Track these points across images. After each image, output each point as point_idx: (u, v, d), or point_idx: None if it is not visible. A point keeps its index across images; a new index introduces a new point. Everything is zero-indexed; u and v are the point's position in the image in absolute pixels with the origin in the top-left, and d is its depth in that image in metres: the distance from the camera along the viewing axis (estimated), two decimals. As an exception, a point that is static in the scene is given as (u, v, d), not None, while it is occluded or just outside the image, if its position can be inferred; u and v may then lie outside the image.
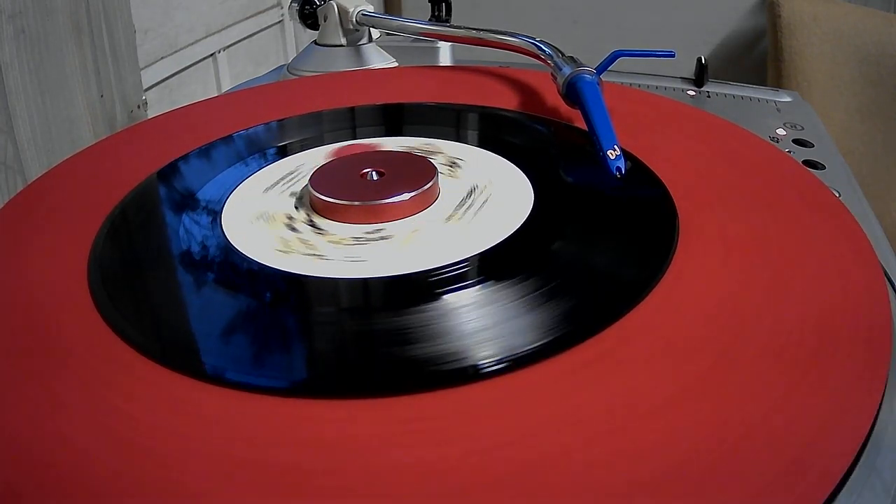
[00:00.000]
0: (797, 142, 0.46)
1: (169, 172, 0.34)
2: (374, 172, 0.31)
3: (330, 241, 0.28)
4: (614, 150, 0.30)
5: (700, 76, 0.57)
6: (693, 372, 0.21)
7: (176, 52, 0.82)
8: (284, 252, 0.27)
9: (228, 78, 0.91)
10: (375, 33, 0.55)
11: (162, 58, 0.80)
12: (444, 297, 0.24)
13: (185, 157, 0.35)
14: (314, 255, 0.27)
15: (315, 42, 0.55)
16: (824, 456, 0.18)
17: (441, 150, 0.35)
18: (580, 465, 0.18)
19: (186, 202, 0.31)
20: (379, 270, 0.26)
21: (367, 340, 0.23)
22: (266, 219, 0.29)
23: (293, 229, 0.29)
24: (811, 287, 0.24)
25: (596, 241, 0.27)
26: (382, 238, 0.28)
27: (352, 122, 0.39)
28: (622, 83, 0.50)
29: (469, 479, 0.18)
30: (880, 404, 0.20)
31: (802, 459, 0.18)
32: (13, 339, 0.24)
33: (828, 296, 0.23)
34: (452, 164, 0.33)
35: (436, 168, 0.31)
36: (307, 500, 0.17)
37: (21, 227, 0.31)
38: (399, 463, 0.18)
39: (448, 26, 0.49)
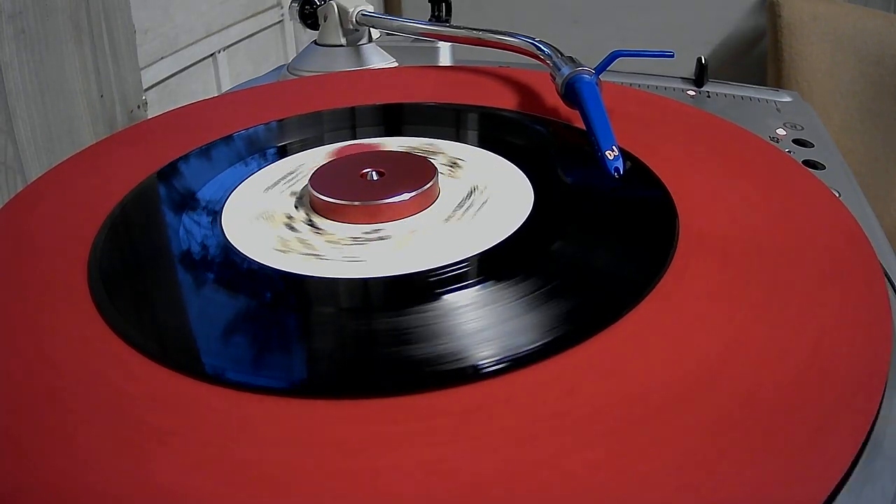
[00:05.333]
0: (797, 142, 0.46)
1: (169, 172, 0.34)
2: (374, 172, 0.31)
3: (329, 242, 0.28)
4: (612, 150, 0.30)
5: (700, 76, 0.57)
6: (692, 373, 0.21)
7: (176, 52, 0.82)
8: (284, 252, 0.27)
9: (228, 78, 0.91)
10: (375, 33, 0.55)
11: (162, 58, 0.80)
12: (444, 297, 0.24)
13: (185, 157, 0.35)
14: (314, 255, 0.27)
15: (315, 42, 0.55)
16: (824, 457, 0.18)
17: (442, 150, 0.35)
18: (580, 466, 0.18)
19: (186, 202, 0.31)
20: (379, 270, 0.26)
21: (366, 341, 0.23)
22: (266, 219, 0.29)
23: (293, 229, 0.29)
24: (811, 287, 0.24)
25: (596, 241, 0.27)
26: (382, 238, 0.28)
27: (352, 122, 0.39)
28: (622, 83, 0.50)
29: (468, 480, 0.18)
30: (880, 405, 0.20)
31: (802, 460, 0.18)
32: (13, 339, 0.24)
33: (828, 296, 0.23)
34: (453, 165, 0.33)
35: (436, 168, 0.31)
36: (307, 501, 0.17)
37: (21, 227, 0.31)
38: (399, 463, 0.18)
39: (448, 26, 0.49)
